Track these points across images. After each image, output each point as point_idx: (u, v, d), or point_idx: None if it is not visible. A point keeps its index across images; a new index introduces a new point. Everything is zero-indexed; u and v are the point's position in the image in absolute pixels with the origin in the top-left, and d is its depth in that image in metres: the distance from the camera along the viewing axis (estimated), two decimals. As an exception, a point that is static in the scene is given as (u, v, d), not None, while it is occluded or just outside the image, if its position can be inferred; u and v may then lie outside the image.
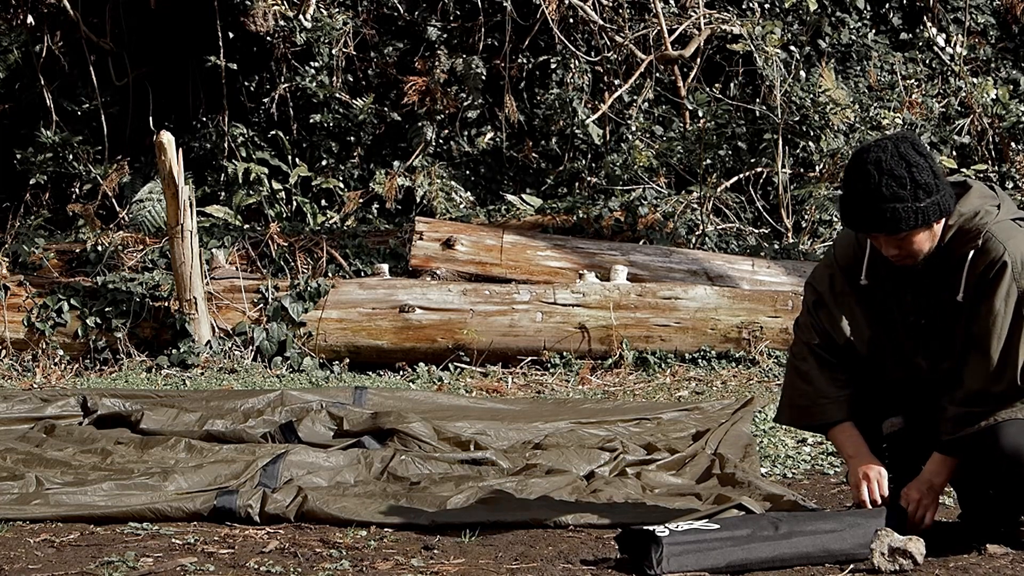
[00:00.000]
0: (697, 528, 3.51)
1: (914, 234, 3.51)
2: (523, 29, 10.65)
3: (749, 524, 3.58)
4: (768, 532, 3.54)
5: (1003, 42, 11.17)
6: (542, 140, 10.74)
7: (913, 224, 3.47)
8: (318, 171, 10.60)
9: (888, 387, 3.72)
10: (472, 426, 5.26)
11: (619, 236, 8.81)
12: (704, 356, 7.26)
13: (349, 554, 3.73)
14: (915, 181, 3.46)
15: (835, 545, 3.55)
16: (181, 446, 4.95)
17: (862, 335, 3.70)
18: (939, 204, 3.50)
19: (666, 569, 3.40)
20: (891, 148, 3.49)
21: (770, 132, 9.77)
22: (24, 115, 10.78)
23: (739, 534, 3.52)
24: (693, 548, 3.44)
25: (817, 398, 3.73)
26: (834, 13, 10.84)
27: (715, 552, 3.46)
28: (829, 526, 3.59)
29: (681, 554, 3.43)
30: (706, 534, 3.49)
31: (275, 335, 7.33)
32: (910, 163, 3.47)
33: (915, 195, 3.46)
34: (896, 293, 3.66)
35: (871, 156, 3.49)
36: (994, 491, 3.65)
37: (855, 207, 3.51)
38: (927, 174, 3.48)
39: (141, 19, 10.49)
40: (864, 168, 3.48)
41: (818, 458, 5.04)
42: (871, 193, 3.46)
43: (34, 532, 3.99)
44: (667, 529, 3.48)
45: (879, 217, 3.47)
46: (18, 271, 7.84)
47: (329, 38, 10.50)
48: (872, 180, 3.46)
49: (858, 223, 3.54)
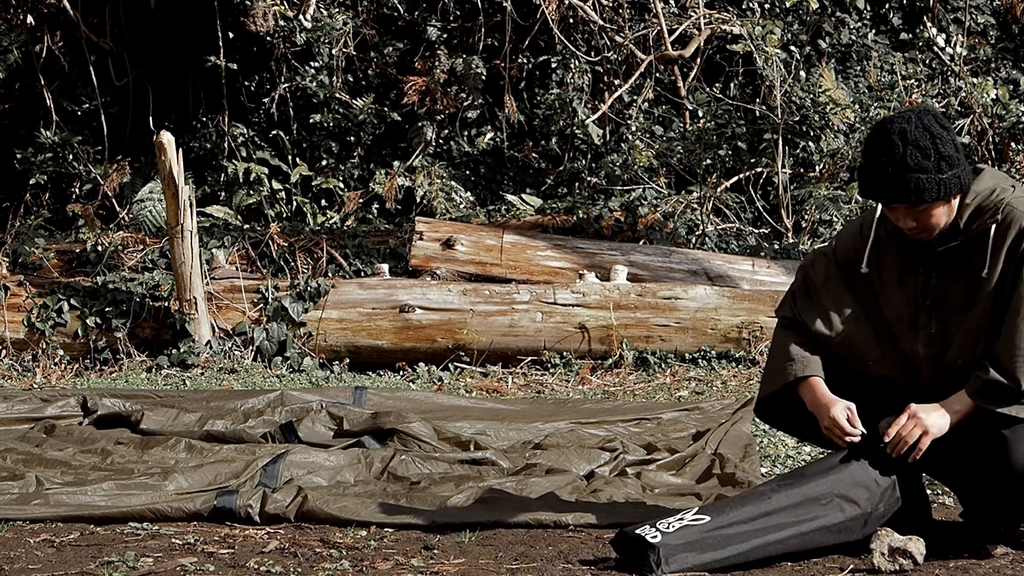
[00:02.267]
0: (688, 524, 3.48)
1: (934, 206, 3.50)
2: (523, 29, 10.66)
3: (738, 508, 3.55)
4: (759, 510, 3.52)
5: (1003, 42, 11.17)
6: (542, 140, 10.75)
7: (936, 195, 3.47)
8: (318, 171, 10.60)
9: (883, 389, 3.71)
10: (472, 426, 5.26)
11: (619, 236, 8.81)
12: (704, 356, 7.26)
13: (349, 554, 3.73)
14: (939, 152, 3.47)
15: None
16: (181, 446, 4.95)
17: (845, 329, 3.68)
18: (960, 177, 3.51)
19: (667, 571, 3.40)
20: (915, 120, 3.50)
21: (770, 132, 9.77)
22: (24, 115, 10.79)
23: (729, 521, 3.49)
24: (688, 547, 3.43)
25: (786, 361, 3.72)
26: (834, 13, 10.85)
27: (712, 546, 3.44)
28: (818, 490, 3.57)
29: (679, 552, 3.42)
30: (697, 528, 3.46)
31: (275, 335, 7.33)
32: (934, 135, 3.48)
33: (938, 167, 3.47)
34: (902, 277, 3.64)
35: (895, 127, 3.49)
36: (1000, 502, 3.62)
37: (878, 178, 3.50)
38: (950, 146, 3.49)
39: (141, 19, 10.49)
40: (888, 139, 3.49)
41: (818, 458, 5.04)
42: (896, 164, 3.47)
43: (34, 532, 3.99)
44: (658, 532, 3.45)
45: (903, 188, 3.47)
46: (18, 271, 7.84)
47: (329, 38, 10.50)
48: (897, 151, 3.47)
49: (880, 193, 3.52)
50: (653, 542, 3.41)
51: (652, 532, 3.45)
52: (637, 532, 3.48)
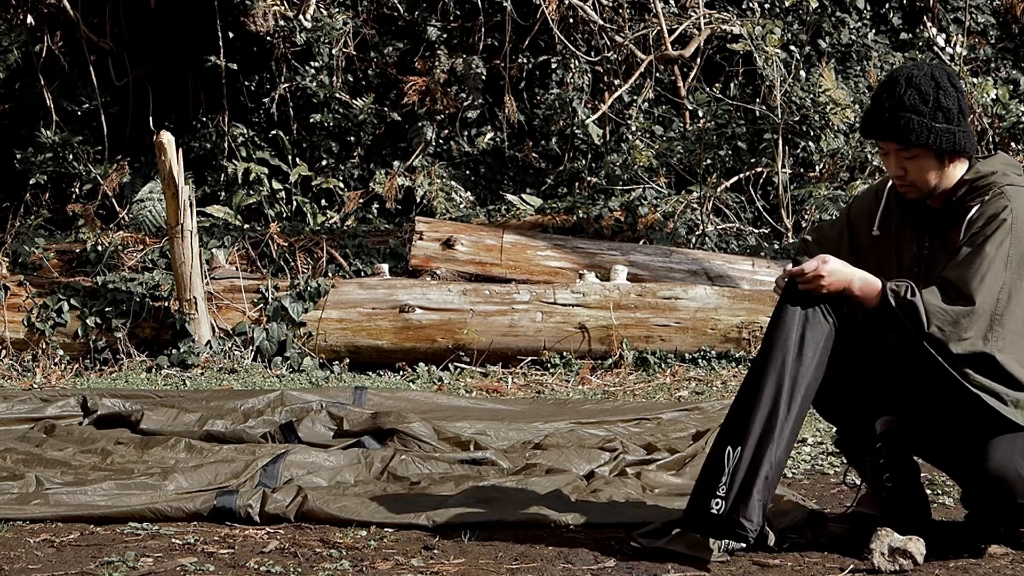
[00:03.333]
0: (733, 472, 3.47)
1: (922, 158, 3.56)
2: (523, 29, 10.66)
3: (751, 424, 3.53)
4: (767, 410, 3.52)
5: (1003, 42, 11.17)
6: (542, 140, 10.75)
7: (923, 141, 3.53)
8: (318, 171, 10.60)
9: (880, 386, 3.71)
10: (472, 426, 5.26)
11: (619, 236, 8.81)
12: (704, 356, 7.26)
13: (349, 554, 3.73)
14: (938, 102, 3.55)
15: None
16: (181, 446, 4.95)
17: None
18: (954, 136, 3.56)
19: (755, 528, 3.44)
20: (927, 69, 3.60)
21: (770, 132, 9.77)
22: (24, 115, 10.79)
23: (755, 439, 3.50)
24: (750, 492, 3.45)
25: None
26: (834, 13, 10.85)
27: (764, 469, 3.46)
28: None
29: (750, 501, 3.44)
30: (743, 467, 3.46)
31: (275, 335, 7.33)
32: (939, 86, 3.57)
33: (933, 115, 3.54)
34: (901, 245, 3.68)
35: (905, 71, 3.61)
36: (983, 506, 3.63)
37: (874, 111, 3.60)
38: (952, 102, 3.56)
39: (141, 19, 10.49)
40: (894, 78, 3.61)
41: (818, 458, 5.04)
42: (893, 100, 3.56)
43: (34, 532, 3.99)
44: (721, 500, 3.46)
45: (893, 123, 3.55)
46: (18, 271, 7.84)
47: (329, 38, 10.50)
48: (898, 89, 3.57)
49: (872, 128, 3.61)
50: (718, 512, 3.45)
51: (716, 503, 3.48)
52: (712, 511, 3.48)
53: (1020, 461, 3.49)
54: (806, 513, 3.98)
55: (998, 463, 3.48)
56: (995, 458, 3.49)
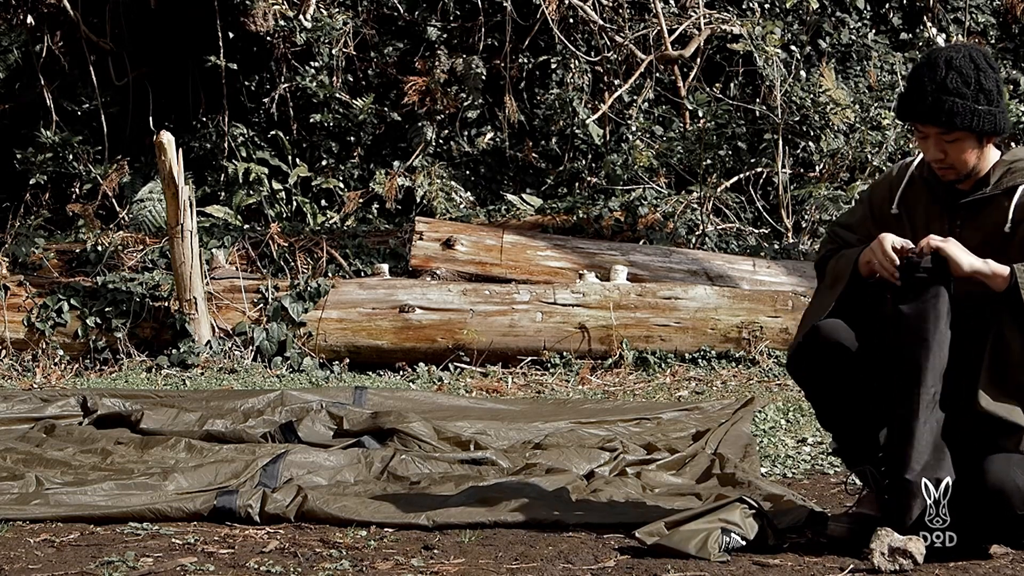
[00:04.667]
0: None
1: (964, 139, 3.57)
2: (523, 29, 10.66)
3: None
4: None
5: (1003, 42, 11.17)
6: (542, 140, 10.75)
7: (967, 124, 3.54)
8: (318, 171, 10.60)
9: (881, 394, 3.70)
10: (472, 426, 5.26)
11: (619, 236, 8.81)
12: (704, 356, 7.26)
13: (349, 554, 3.73)
14: (980, 84, 3.56)
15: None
16: (181, 446, 4.95)
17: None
18: (995, 117, 3.58)
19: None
20: (964, 51, 3.60)
21: (770, 132, 9.77)
22: (24, 115, 10.78)
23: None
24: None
25: (835, 269, 3.75)
26: (834, 13, 10.84)
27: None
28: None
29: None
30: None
31: (275, 335, 7.33)
32: (979, 67, 3.58)
33: (976, 97, 3.55)
34: (927, 223, 3.68)
35: (944, 54, 3.60)
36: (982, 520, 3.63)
37: (915, 96, 3.59)
38: (992, 83, 3.58)
39: (141, 19, 10.49)
40: (934, 62, 3.59)
41: (818, 458, 5.04)
42: (936, 84, 3.56)
43: (34, 532, 3.99)
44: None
45: (937, 107, 3.55)
46: (18, 271, 7.84)
47: (329, 38, 10.50)
48: (940, 72, 3.56)
49: (915, 112, 3.60)
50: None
51: (938, 536, 3.52)
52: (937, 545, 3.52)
53: (1018, 474, 3.52)
54: (806, 513, 3.98)
55: (996, 476, 3.51)
56: (993, 471, 3.52)
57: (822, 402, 3.82)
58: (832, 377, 3.71)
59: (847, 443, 3.84)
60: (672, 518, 3.79)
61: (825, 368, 3.71)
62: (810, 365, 3.74)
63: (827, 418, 3.86)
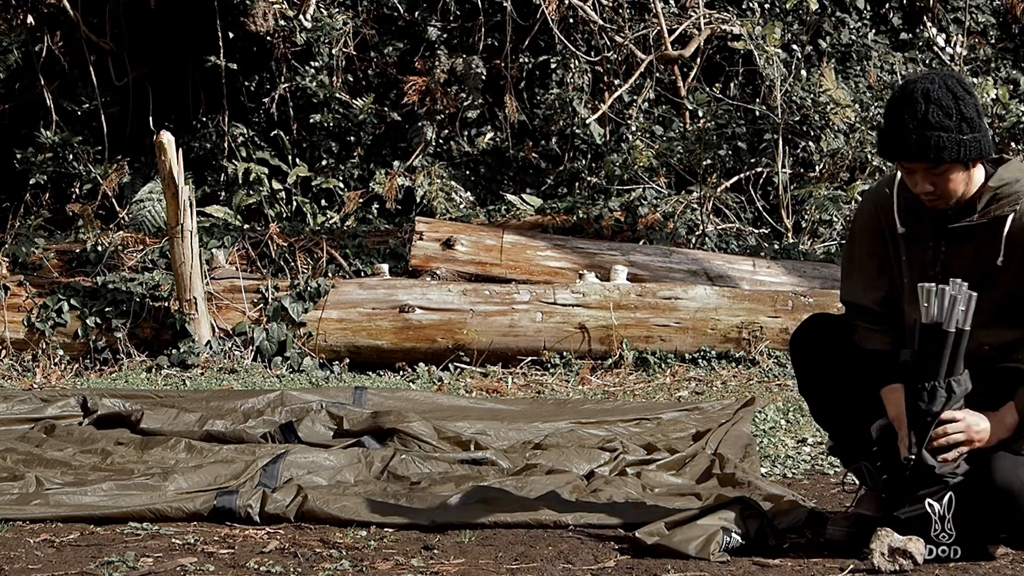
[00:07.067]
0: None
1: (952, 170, 3.51)
2: (523, 29, 10.66)
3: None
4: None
5: (1003, 42, 11.17)
6: (542, 140, 10.75)
7: (956, 156, 3.49)
8: (318, 171, 10.60)
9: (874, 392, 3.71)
10: (472, 426, 5.26)
11: (619, 236, 8.81)
12: (704, 356, 7.25)
13: (349, 554, 3.73)
14: (961, 113, 3.49)
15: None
16: (181, 446, 4.95)
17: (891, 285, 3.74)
18: (980, 143, 3.52)
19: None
20: (939, 81, 3.53)
21: (770, 132, 9.77)
22: (24, 115, 10.78)
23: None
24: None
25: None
26: (834, 13, 10.84)
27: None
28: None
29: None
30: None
31: (275, 335, 7.33)
32: (956, 96, 3.51)
33: (959, 127, 3.49)
34: (910, 247, 3.66)
35: (919, 87, 3.52)
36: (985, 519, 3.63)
37: (898, 135, 3.51)
38: (972, 110, 3.52)
39: (141, 19, 10.49)
40: (911, 97, 3.51)
41: (818, 458, 5.04)
42: (918, 121, 3.49)
43: (34, 532, 3.99)
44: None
45: (923, 145, 3.48)
46: (18, 271, 7.83)
47: (329, 38, 10.50)
48: (920, 108, 3.49)
49: (900, 151, 3.53)
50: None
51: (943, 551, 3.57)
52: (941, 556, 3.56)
53: None
54: (806, 513, 3.98)
55: (1003, 475, 3.50)
56: (1000, 470, 3.51)
57: (816, 395, 3.84)
58: (829, 366, 3.74)
59: (842, 439, 3.85)
60: (672, 518, 3.79)
61: (823, 352, 3.76)
62: (811, 346, 3.81)
63: (822, 413, 3.87)
